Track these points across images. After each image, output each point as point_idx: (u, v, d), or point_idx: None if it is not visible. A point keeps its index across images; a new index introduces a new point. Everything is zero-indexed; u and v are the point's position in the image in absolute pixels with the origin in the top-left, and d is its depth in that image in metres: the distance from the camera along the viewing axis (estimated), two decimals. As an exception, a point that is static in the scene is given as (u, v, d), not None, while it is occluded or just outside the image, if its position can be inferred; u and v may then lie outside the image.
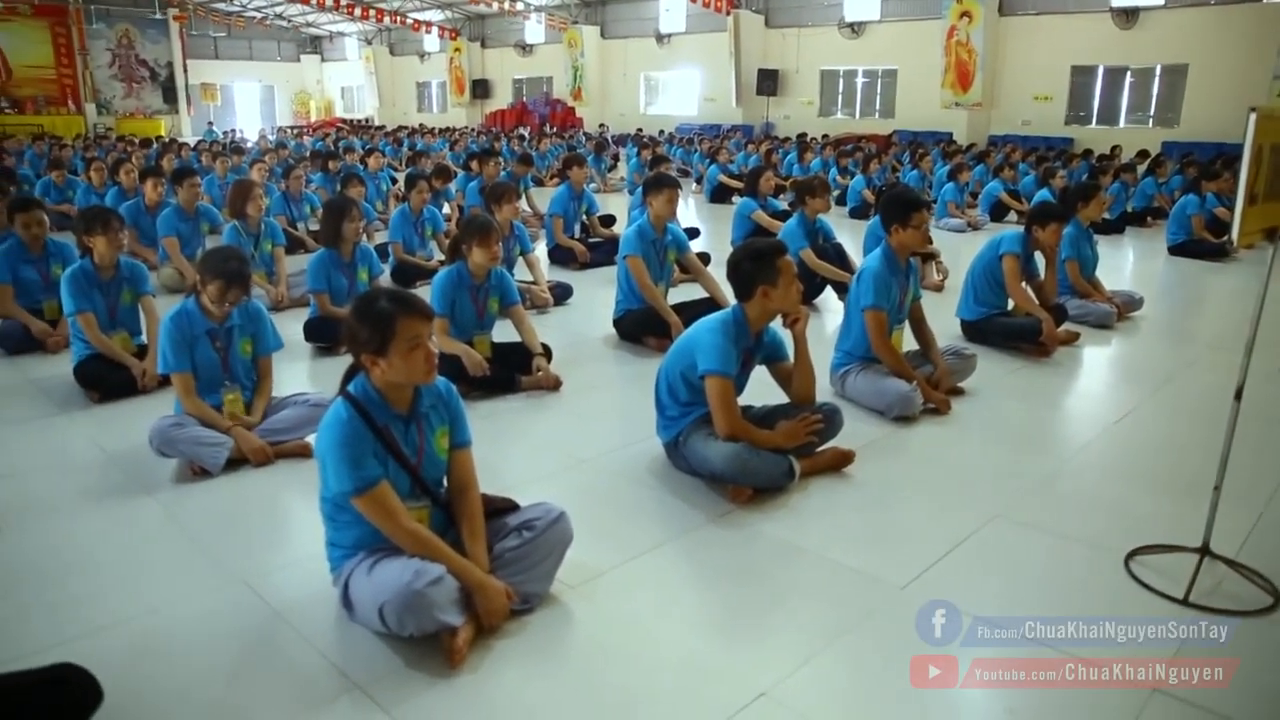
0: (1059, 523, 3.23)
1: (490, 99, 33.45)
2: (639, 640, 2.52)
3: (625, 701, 2.25)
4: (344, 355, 5.08)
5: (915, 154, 13.65)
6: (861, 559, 2.94)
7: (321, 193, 9.99)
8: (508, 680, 2.32)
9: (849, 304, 4.49)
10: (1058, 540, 3.12)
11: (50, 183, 10.68)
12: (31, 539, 3.12)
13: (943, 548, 3.00)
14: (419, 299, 2.46)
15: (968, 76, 21.00)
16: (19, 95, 30.15)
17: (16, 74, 30.12)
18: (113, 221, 4.61)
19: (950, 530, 3.13)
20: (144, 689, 2.25)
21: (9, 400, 4.61)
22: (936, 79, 21.45)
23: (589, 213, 8.38)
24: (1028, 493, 3.51)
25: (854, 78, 24.68)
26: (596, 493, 3.46)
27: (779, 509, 3.30)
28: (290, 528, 3.33)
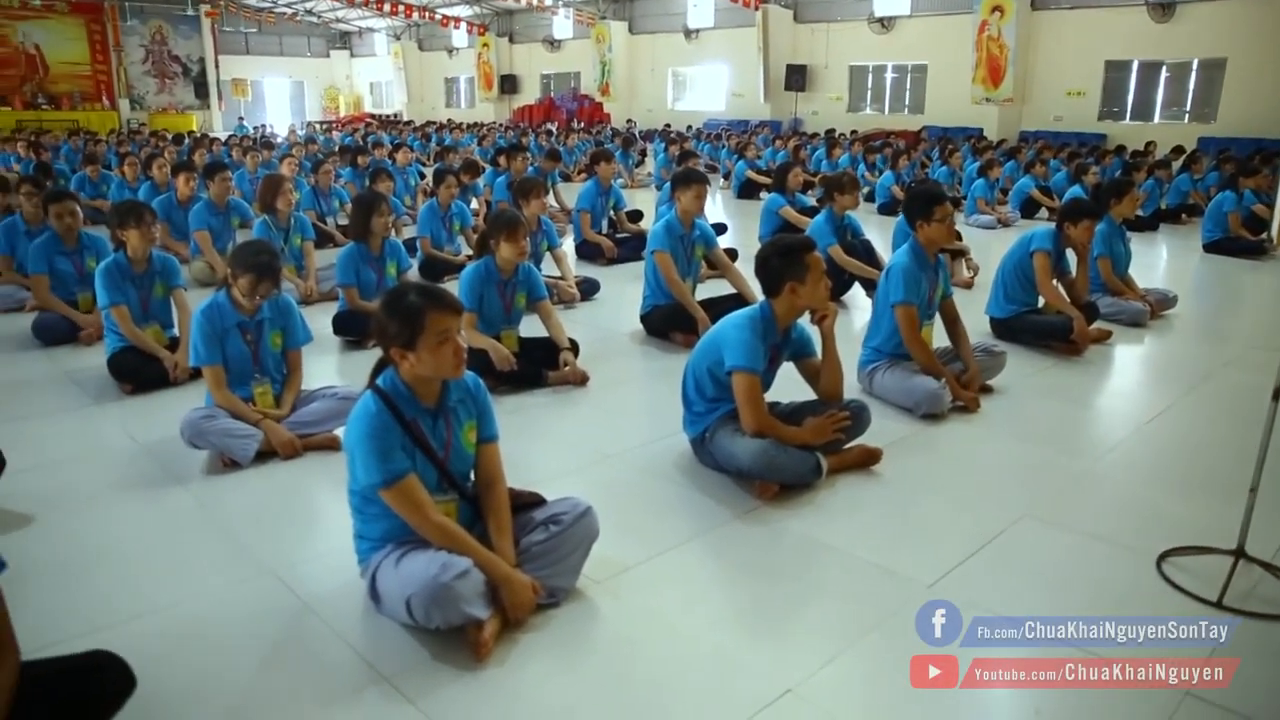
0: (1089, 523, 3.19)
1: (518, 94, 33.51)
2: (664, 635, 2.52)
3: (650, 696, 2.25)
4: (372, 349, 5.13)
5: (945, 150, 13.53)
6: (888, 557, 2.93)
7: (350, 187, 10.05)
8: (533, 674, 2.33)
9: (877, 301, 4.45)
10: (1087, 541, 3.08)
11: (85, 177, 10.83)
12: (66, 528, 3.17)
13: (970, 546, 2.98)
14: (448, 293, 2.47)
15: (999, 72, 20.78)
16: (55, 91, 30.58)
17: (53, 70, 30.56)
18: (146, 215, 4.66)
19: (978, 529, 3.10)
20: (175, 677, 2.27)
21: (44, 392, 4.68)
22: (967, 74, 21.24)
23: (616, 208, 8.37)
24: (1057, 492, 3.47)
25: (883, 73, 24.50)
26: (623, 488, 3.46)
27: (805, 506, 3.28)
28: (318, 520, 3.36)
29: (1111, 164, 12.92)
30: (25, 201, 6.30)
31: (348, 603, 2.61)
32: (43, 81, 30.45)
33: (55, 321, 5.49)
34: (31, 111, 29.25)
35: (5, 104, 29.34)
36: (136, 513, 3.31)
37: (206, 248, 7.04)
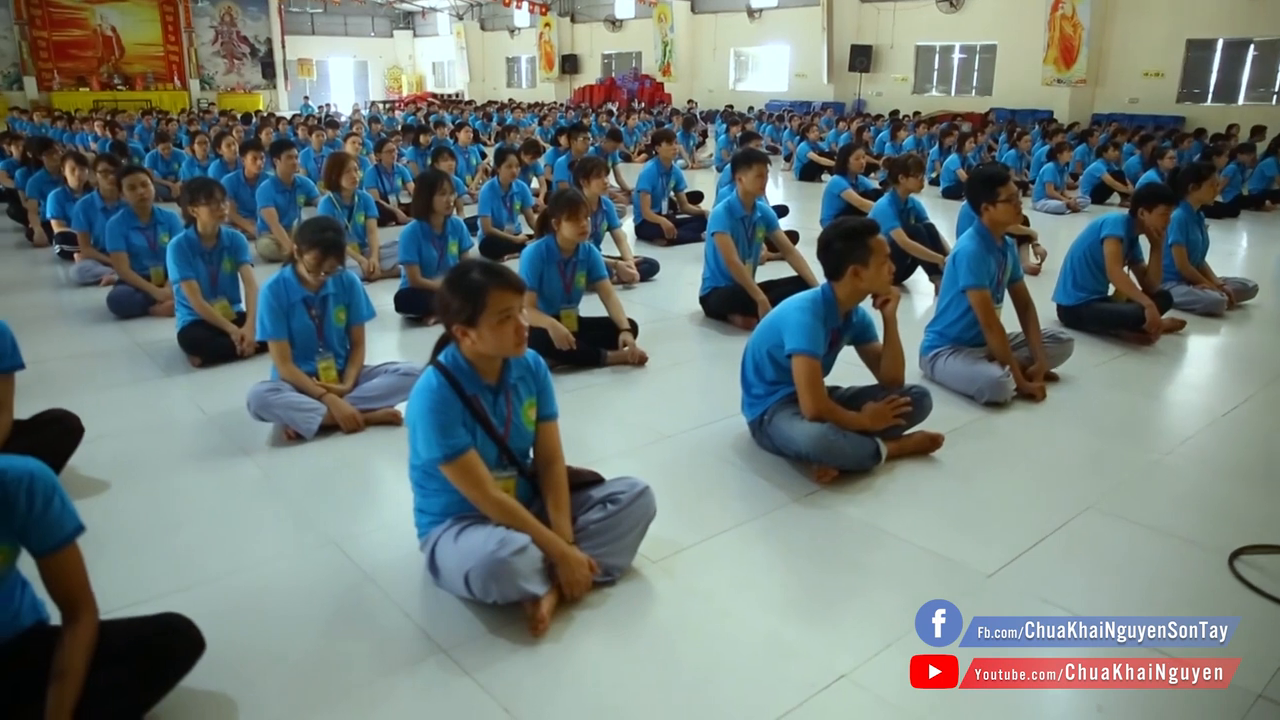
0: (1158, 518, 3.10)
1: (579, 74, 33.50)
2: (719, 617, 2.52)
3: (704, 677, 2.25)
4: (433, 326, 5.22)
5: (1013, 133, 13.19)
6: (947, 545, 2.88)
7: (413, 166, 10.17)
8: (588, 650, 2.35)
9: (943, 286, 4.37)
10: (1156, 535, 3.00)
11: (158, 155, 11.11)
12: (138, 495, 3.27)
13: (1032, 537, 2.91)
14: (511, 272, 2.48)
15: (1072, 52, 20.13)
16: (130, 72, 31.41)
17: (128, 52, 31.38)
18: (215, 192, 4.77)
19: (1040, 520, 3.03)
20: (241, 641, 2.33)
21: (118, 363, 4.83)
22: (1038, 55, 20.62)
23: (677, 189, 8.34)
24: (1124, 485, 3.38)
25: (950, 53, 23.93)
26: (680, 469, 3.46)
27: (863, 491, 3.25)
28: (379, 493, 3.42)
29: (1190, 148, 12.47)
30: (102, 179, 6.49)
31: (407, 575, 2.66)
32: (118, 63, 31.28)
33: (129, 295, 5.66)
34: (108, 92, 30.09)
35: (83, 85, 30.23)
36: (204, 482, 3.41)
37: (274, 223, 7.17)
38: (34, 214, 8.10)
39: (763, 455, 3.52)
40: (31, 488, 1.85)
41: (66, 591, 1.94)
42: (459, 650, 2.33)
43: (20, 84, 29.63)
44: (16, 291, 6.43)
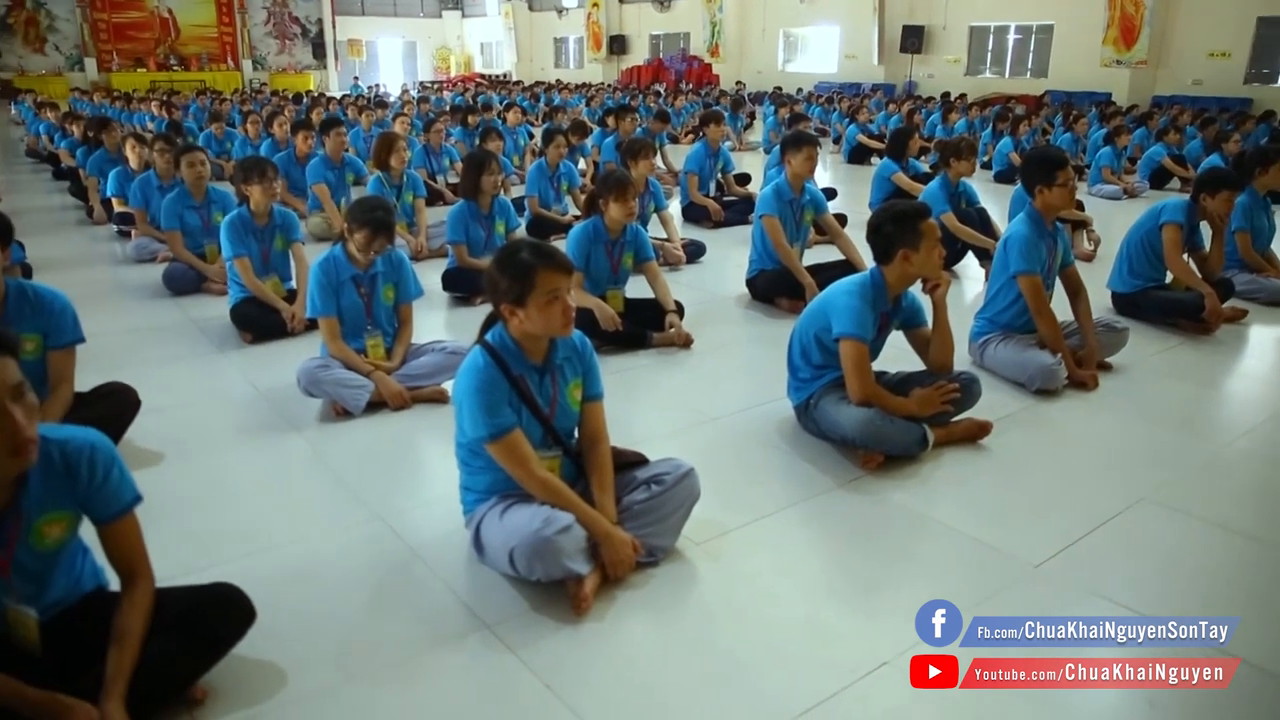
0: (1216, 511, 3.02)
1: (627, 55, 33.35)
2: (762, 600, 2.51)
3: (746, 659, 2.25)
4: (480, 305, 5.25)
5: (1069, 116, 12.88)
6: (994, 533, 2.84)
7: (460, 146, 10.22)
8: (630, 630, 2.36)
9: (993, 272, 4.30)
10: (1213, 529, 2.92)
11: (211, 135, 11.28)
12: (192, 468, 3.34)
13: (1082, 528, 2.86)
14: (560, 253, 2.47)
15: (1133, 32, 19.56)
16: (185, 53, 31.98)
17: (184, 33, 31.95)
18: (268, 171, 4.83)
19: (1091, 510, 2.98)
20: (290, 612, 2.37)
21: (173, 338, 4.93)
22: (1097, 35, 20.08)
23: (724, 170, 8.28)
24: (1180, 477, 3.30)
25: (1005, 34, 23.38)
26: (724, 451, 3.45)
27: (910, 478, 3.21)
28: (425, 470, 3.45)
29: (1256, 131, 12.09)
30: (158, 158, 6.61)
31: (452, 551, 2.68)
32: (174, 44, 31.85)
33: (183, 272, 5.77)
34: (164, 73, 30.66)
35: (141, 66, 30.85)
36: (255, 456, 3.47)
37: (325, 200, 7.26)
38: (94, 192, 8.28)
39: (808, 440, 3.50)
40: (93, 458, 1.90)
41: (125, 559, 1.99)
42: (502, 626, 2.35)
43: (81, 65, 30.33)
44: (76, 267, 6.58)
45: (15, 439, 1.68)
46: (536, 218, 7.20)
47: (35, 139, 14.25)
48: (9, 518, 1.83)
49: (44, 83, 27.92)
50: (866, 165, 12.32)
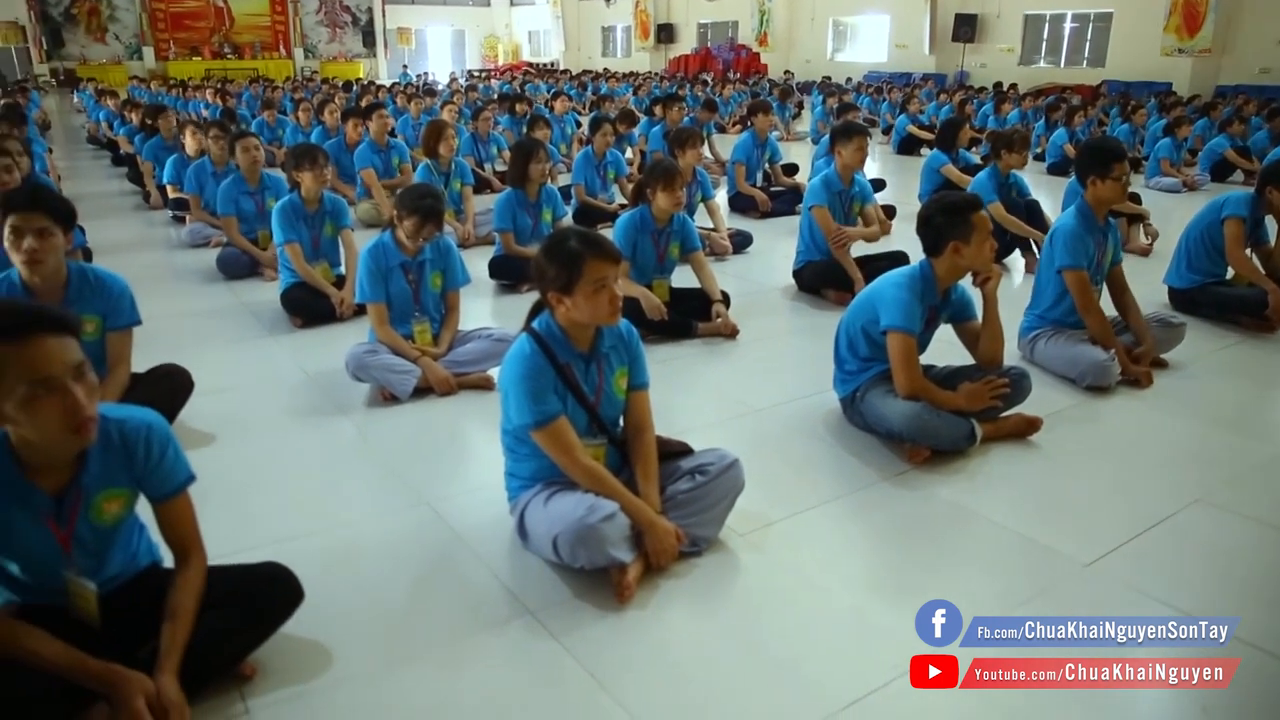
0: (1274, 515, 2.93)
1: (674, 44, 33.21)
2: (805, 593, 2.50)
3: (789, 652, 2.24)
4: (526, 293, 5.27)
5: (1126, 106, 12.58)
6: (1041, 531, 2.79)
7: (508, 134, 10.26)
8: (673, 619, 2.36)
9: (1041, 266, 4.22)
10: (1271, 533, 2.84)
11: (263, 122, 11.44)
12: (243, 449, 3.41)
13: (1134, 528, 2.80)
14: (609, 242, 2.47)
15: (1196, 19, 18.95)
16: (239, 42, 32.52)
17: (238, 22, 32.46)
18: (319, 158, 4.89)
19: (1144, 510, 2.91)
20: (337, 593, 2.41)
21: (227, 321, 5.03)
22: (1158, 22, 19.52)
23: (772, 160, 8.22)
24: (1238, 479, 3.21)
25: (1061, 23, 22.85)
26: (769, 443, 3.43)
27: (956, 473, 3.17)
28: (470, 456, 3.48)
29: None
30: (213, 144, 6.72)
31: (496, 537, 2.70)
32: (228, 33, 32.39)
33: (237, 256, 5.87)
34: (218, 61, 31.25)
35: (196, 54, 31.46)
36: (304, 439, 3.53)
37: (373, 183, 7.34)
38: (150, 177, 8.45)
39: (853, 432, 3.47)
40: (149, 437, 1.95)
41: (179, 537, 2.04)
42: (545, 613, 2.36)
43: (140, 54, 30.99)
44: (133, 252, 6.73)
45: (77, 417, 1.73)
46: (583, 206, 7.21)
47: (95, 126, 14.60)
48: (70, 494, 1.88)
49: (104, 71, 28.57)
50: (916, 156, 12.16)
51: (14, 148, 4.69)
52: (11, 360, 1.67)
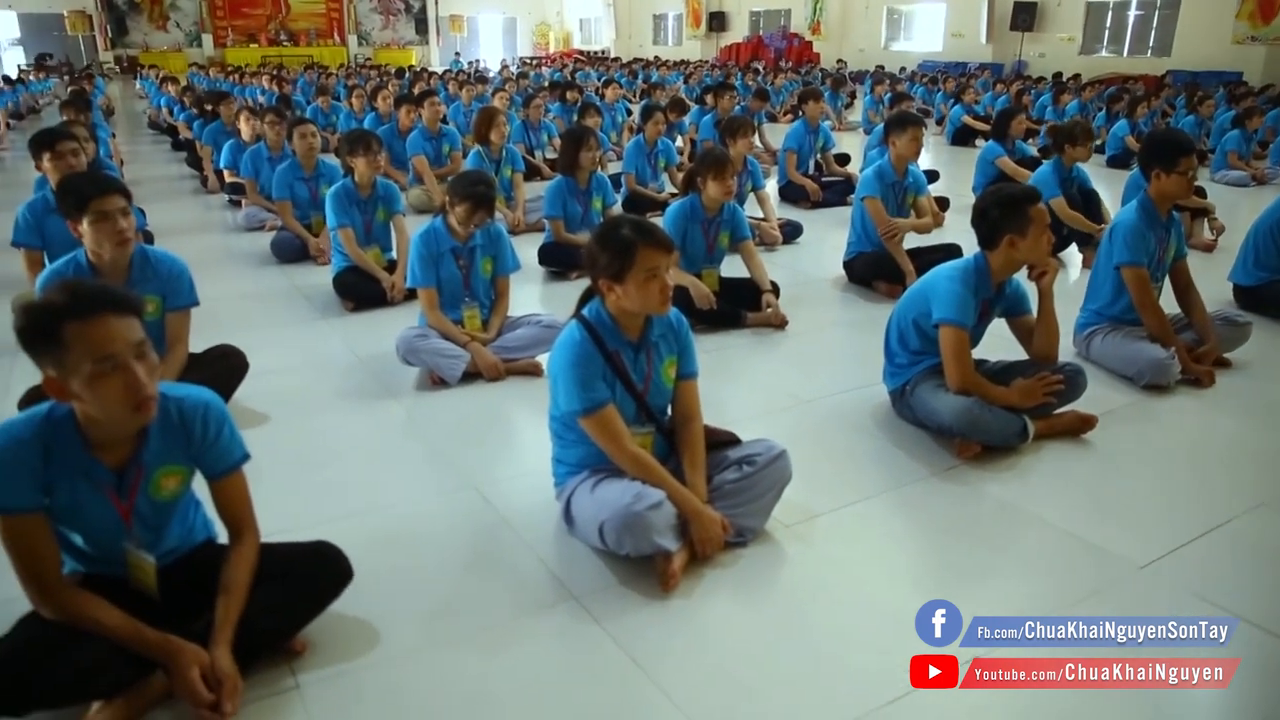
0: (1340, 519, 2.85)
1: (726, 32, 32.98)
2: (850, 586, 2.48)
3: (830, 646, 2.22)
4: (575, 280, 5.29)
5: (1193, 97, 12.19)
6: (1095, 532, 2.73)
7: (559, 122, 10.27)
8: (717, 609, 2.35)
9: (1098, 261, 4.12)
10: (1340, 538, 2.76)
11: (318, 108, 11.58)
12: (295, 428, 3.47)
13: (1192, 531, 2.73)
14: (661, 231, 2.46)
15: (1273, 4, 18.05)
16: (295, 29, 32.97)
17: (294, 9, 32.90)
18: (373, 144, 4.94)
19: (1202, 513, 2.84)
20: (384, 573, 2.44)
21: (280, 304, 5.12)
22: (1229, 9, 18.81)
23: (825, 149, 8.13)
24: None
25: (1125, 10, 22.21)
26: (817, 435, 3.40)
27: (1007, 470, 3.12)
28: (517, 441, 3.50)
29: None
30: (269, 130, 6.83)
31: (542, 522, 2.72)
32: (284, 20, 32.86)
33: (290, 240, 5.97)
34: (274, 48, 31.72)
35: (253, 41, 31.99)
36: (354, 420, 3.58)
37: (424, 170, 7.40)
38: (208, 162, 8.61)
39: (902, 426, 3.43)
40: (206, 416, 1.99)
41: (233, 513, 2.09)
42: (590, 599, 2.37)
43: (199, 41, 31.61)
44: (191, 234, 6.86)
45: (138, 395, 1.77)
46: (633, 194, 7.20)
47: (156, 112, 14.91)
48: (131, 469, 1.93)
49: (165, 58, 29.14)
50: (971, 147, 11.95)
51: (81, 133, 4.80)
52: (79, 338, 1.71)
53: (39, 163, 4.39)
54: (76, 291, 1.77)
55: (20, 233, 4.24)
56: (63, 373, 1.74)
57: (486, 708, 2.02)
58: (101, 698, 1.87)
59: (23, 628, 1.87)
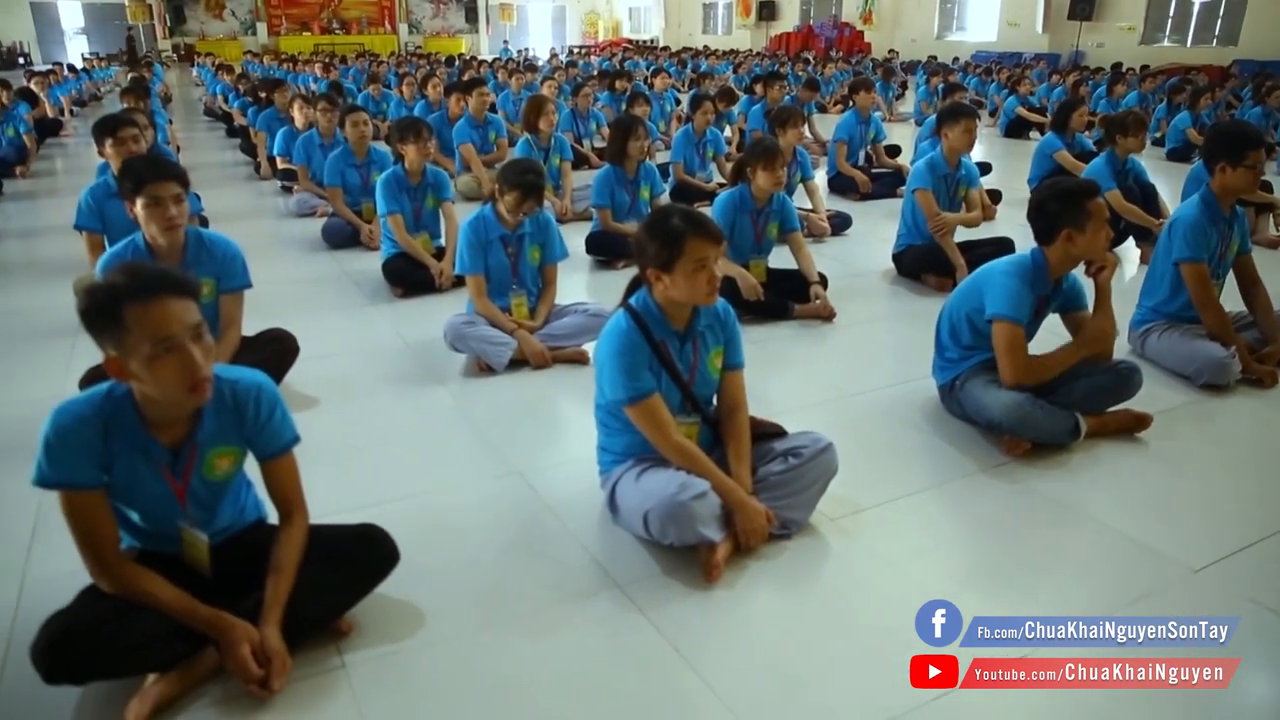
0: None
1: (776, 21, 32.71)
2: (894, 581, 2.45)
3: (874, 641, 2.20)
4: (622, 269, 5.29)
5: (1260, 88, 11.79)
6: (1148, 533, 2.67)
7: (607, 111, 10.27)
8: (759, 600, 2.35)
9: (1157, 256, 4.02)
10: (1404, 545, 2.67)
11: (369, 96, 11.69)
12: (343, 412, 3.51)
13: (1250, 535, 2.66)
14: (711, 222, 2.45)
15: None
16: (347, 18, 33.40)
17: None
18: (423, 131, 4.98)
19: (1262, 516, 2.76)
20: (430, 557, 2.47)
21: (329, 289, 5.18)
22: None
23: (875, 140, 8.03)
24: (1371, 488, 3.02)
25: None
26: (863, 428, 3.37)
27: (1058, 467, 3.06)
28: (563, 429, 3.52)
29: None
30: (321, 117, 6.91)
31: (586, 510, 2.73)
32: (337, 9, 33.27)
33: (341, 227, 6.04)
34: (326, 36, 32.14)
35: (306, 30, 32.43)
36: (402, 405, 3.62)
37: (471, 158, 7.44)
38: (262, 148, 8.75)
39: (950, 422, 3.38)
40: (259, 398, 2.03)
41: (283, 494, 2.12)
42: (633, 587, 2.38)
43: (254, 30, 32.15)
44: (243, 219, 6.98)
45: (194, 376, 1.80)
46: (681, 184, 7.17)
47: (212, 99, 15.17)
48: (186, 449, 1.97)
49: (220, 47, 29.69)
50: (1024, 140, 11.75)
51: (141, 120, 4.90)
52: (138, 320, 1.75)
53: (101, 148, 4.50)
54: (137, 274, 1.80)
55: (82, 216, 4.35)
56: (122, 353, 1.78)
57: (529, 692, 2.03)
58: (157, 670, 1.92)
59: (84, 600, 1.93)
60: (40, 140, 11.02)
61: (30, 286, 5.31)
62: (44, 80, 14.35)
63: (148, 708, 1.87)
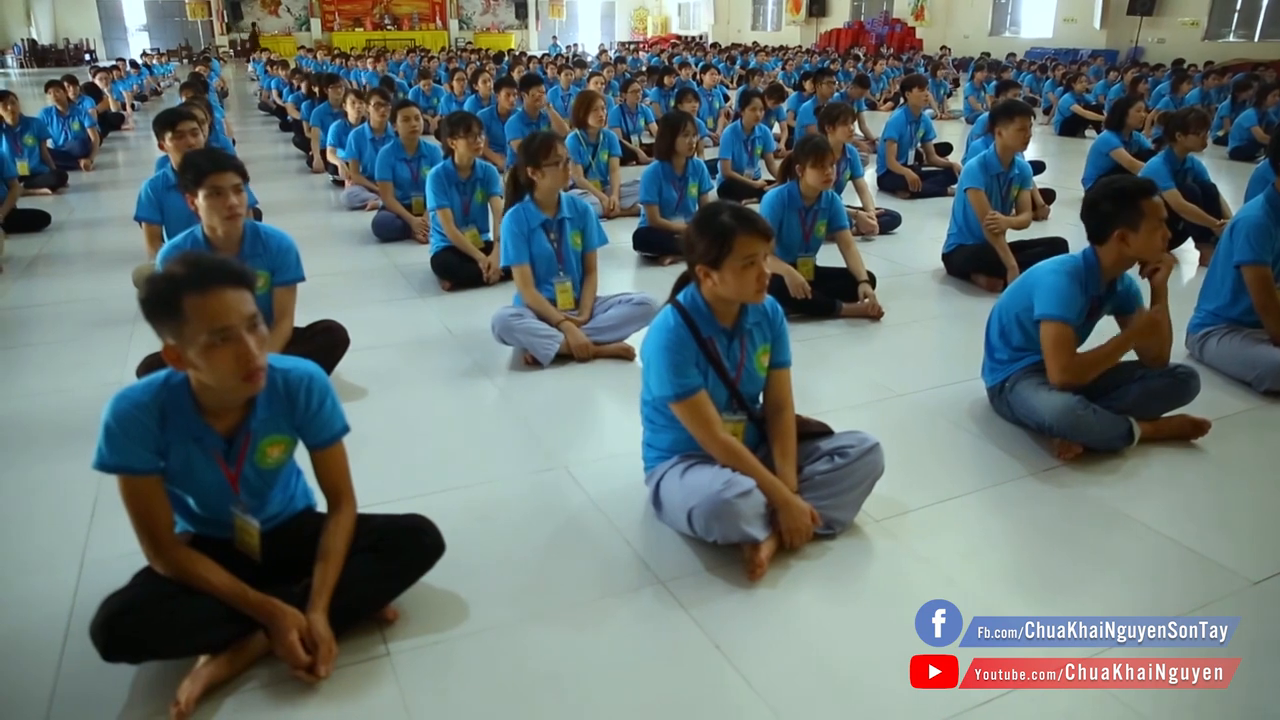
0: None
1: (826, 18, 32.45)
2: (939, 585, 2.42)
3: (917, 644, 2.16)
4: (669, 266, 5.30)
5: (1332, 85, 11.42)
6: (1204, 542, 2.61)
7: (655, 107, 10.27)
8: (802, 600, 2.33)
9: (1216, 258, 3.92)
10: None
11: (419, 91, 11.82)
12: (391, 403, 3.56)
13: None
14: (761, 219, 2.43)
15: None
16: (398, 13, 33.82)
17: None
18: (473, 126, 5.02)
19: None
20: (475, 547, 2.49)
21: (379, 282, 5.25)
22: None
23: (925, 139, 7.94)
24: None
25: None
26: (910, 429, 3.34)
27: (1110, 473, 3.00)
28: (607, 424, 3.53)
29: None
30: (373, 111, 7.00)
31: (630, 505, 2.74)
32: (389, 5, 33.67)
33: (391, 220, 6.12)
34: (379, 32, 32.58)
35: (358, 25, 32.88)
36: (449, 397, 3.66)
37: (522, 155, 7.47)
38: (316, 142, 8.88)
39: (999, 424, 3.33)
40: (310, 388, 2.06)
41: (332, 483, 2.16)
42: (676, 584, 2.38)
43: (308, 25, 32.64)
44: (296, 212, 7.10)
45: (249, 366, 1.84)
46: (729, 181, 7.16)
47: (266, 93, 15.44)
48: (239, 436, 2.01)
49: (276, 42, 30.21)
50: (1080, 138, 11.53)
51: (199, 114, 5.01)
52: (197, 310, 1.79)
53: (161, 141, 4.61)
54: (196, 265, 1.84)
55: (142, 208, 4.46)
56: (180, 342, 1.82)
57: (570, 684, 2.04)
58: (208, 652, 1.96)
59: (139, 581, 1.98)
60: (104, 134, 11.32)
61: (91, 275, 5.46)
62: (108, 75, 14.74)
63: (199, 688, 1.91)
